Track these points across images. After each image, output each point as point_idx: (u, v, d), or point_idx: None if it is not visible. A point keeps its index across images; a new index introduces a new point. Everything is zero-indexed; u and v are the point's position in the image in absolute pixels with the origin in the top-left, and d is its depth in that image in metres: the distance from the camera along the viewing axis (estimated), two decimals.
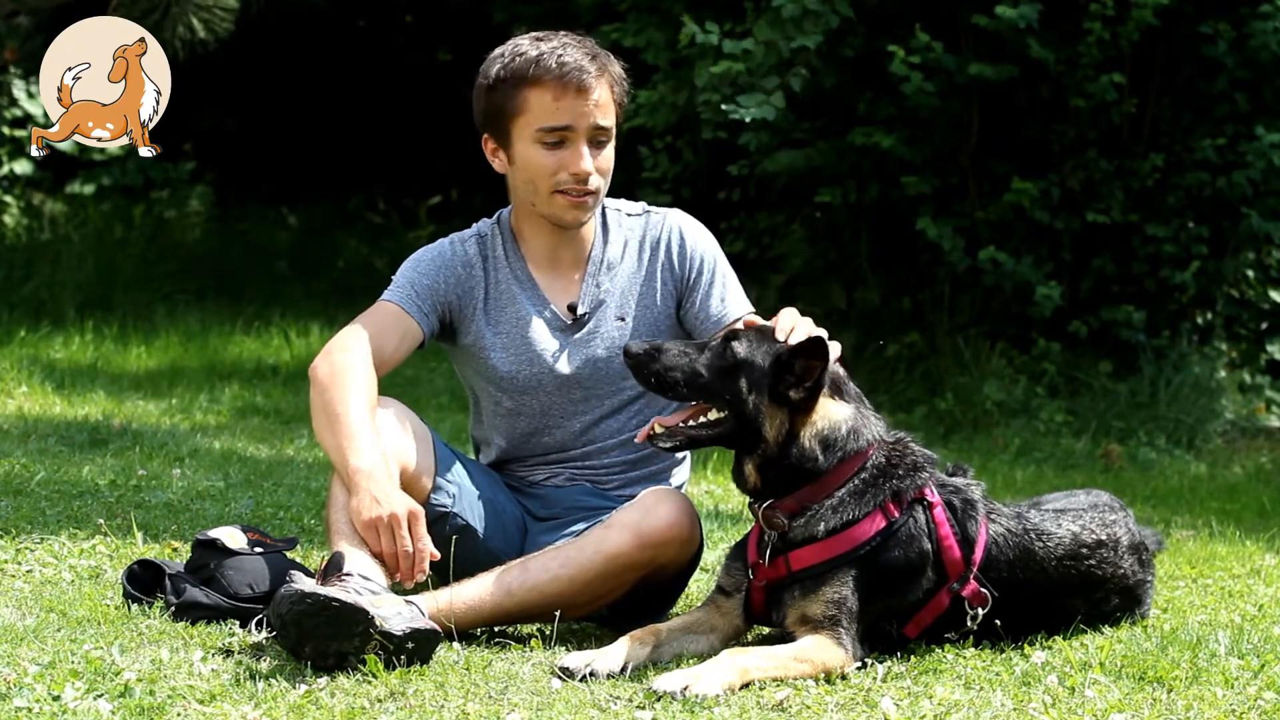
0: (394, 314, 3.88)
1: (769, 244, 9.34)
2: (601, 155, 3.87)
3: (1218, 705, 3.20)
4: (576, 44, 3.87)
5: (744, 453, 3.58)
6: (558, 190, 3.86)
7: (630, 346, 3.61)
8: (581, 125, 3.83)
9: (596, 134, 3.85)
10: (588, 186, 3.86)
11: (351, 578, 3.38)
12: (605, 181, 3.91)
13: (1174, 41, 8.43)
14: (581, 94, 3.81)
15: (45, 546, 4.30)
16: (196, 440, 6.45)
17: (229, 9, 8.60)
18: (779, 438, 3.54)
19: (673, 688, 3.16)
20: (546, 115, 3.82)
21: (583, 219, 3.93)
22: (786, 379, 3.53)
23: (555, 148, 3.84)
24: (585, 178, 3.84)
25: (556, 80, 3.80)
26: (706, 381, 3.54)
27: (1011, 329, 8.60)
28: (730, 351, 3.55)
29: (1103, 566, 3.82)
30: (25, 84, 11.19)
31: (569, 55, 3.82)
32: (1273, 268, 8.93)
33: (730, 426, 3.55)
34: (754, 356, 3.54)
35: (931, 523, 3.59)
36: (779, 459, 3.54)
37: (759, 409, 3.52)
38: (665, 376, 3.56)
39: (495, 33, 7.40)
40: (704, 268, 4.01)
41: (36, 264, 10.32)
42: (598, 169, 3.86)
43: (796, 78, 7.97)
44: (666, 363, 3.56)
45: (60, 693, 2.98)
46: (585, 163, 3.83)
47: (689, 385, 3.55)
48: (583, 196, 3.87)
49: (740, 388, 3.52)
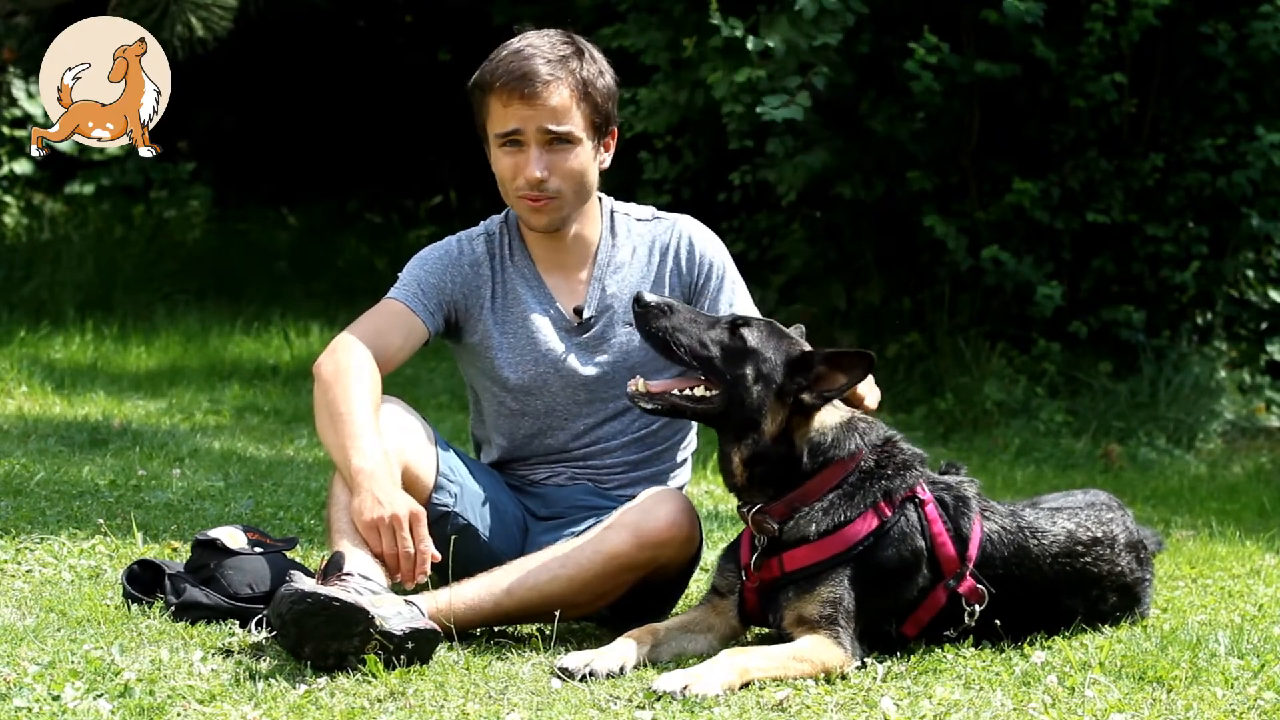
0: (399, 312, 3.88)
1: (769, 244, 9.34)
2: (563, 159, 3.84)
3: (1218, 705, 3.20)
4: (546, 47, 3.85)
5: (731, 438, 3.58)
6: (519, 194, 3.87)
7: (644, 295, 3.60)
8: (529, 128, 3.82)
9: (548, 137, 3.83)
10: (543, 191, 3.85)
11: (352, 577, 3.38)
12: (573, 184, 3.87)
13: (1174, 41, 8.43)
14: (527, 100, 3.81)
15: (45, 546, 4.30)
16: (196, 440, 6.45)
17: (228, 8, 8.60)
18: (775, 434, 3.55)
19: (672, 688, 3.16)
20: (499, 121, 3.86)
21: (548, 223, 3.91)
22: (798, 380, 3.54)
23: (513, 152, 3.85)
24: (536, 183, 3.83)
25: (504, 87, 3.82)
26: (710, 356, 3.55)
27: (1011, 329, 8.60)
28: (739, 336, 3.56)
29: (1099, 564, 3.82)
30: (25, 84, 11.19)
31: (521, 62, 3.82)
32: (1273, 268, 8.93)
33: (717, 407, 3.56)
34: (766, 349, 3.55)
35: (924, 520, 3.59)
36: (768, 455, 3.55)
37: (763, 401, 3.53)
38: (672, 336, 3.55)
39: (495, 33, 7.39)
40: (713, 273, 4.01)
41: (36, 264, 10.32)
42: (560, 173, 3.84)
43: (820, 76, 7.97)
44: (676, 323, 3.57)
45: (60, 693, 2.98)
46: (533, 168, 3.82)
47: (691, 353, 3.55)
48: (540, 201, 3.86)
49: (746, 375, 3.53)
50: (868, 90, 8.52)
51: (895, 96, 8.38)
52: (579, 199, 3.92)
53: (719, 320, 3.63)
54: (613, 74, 3.98)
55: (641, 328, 3.62)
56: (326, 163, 14.64)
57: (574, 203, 3.92)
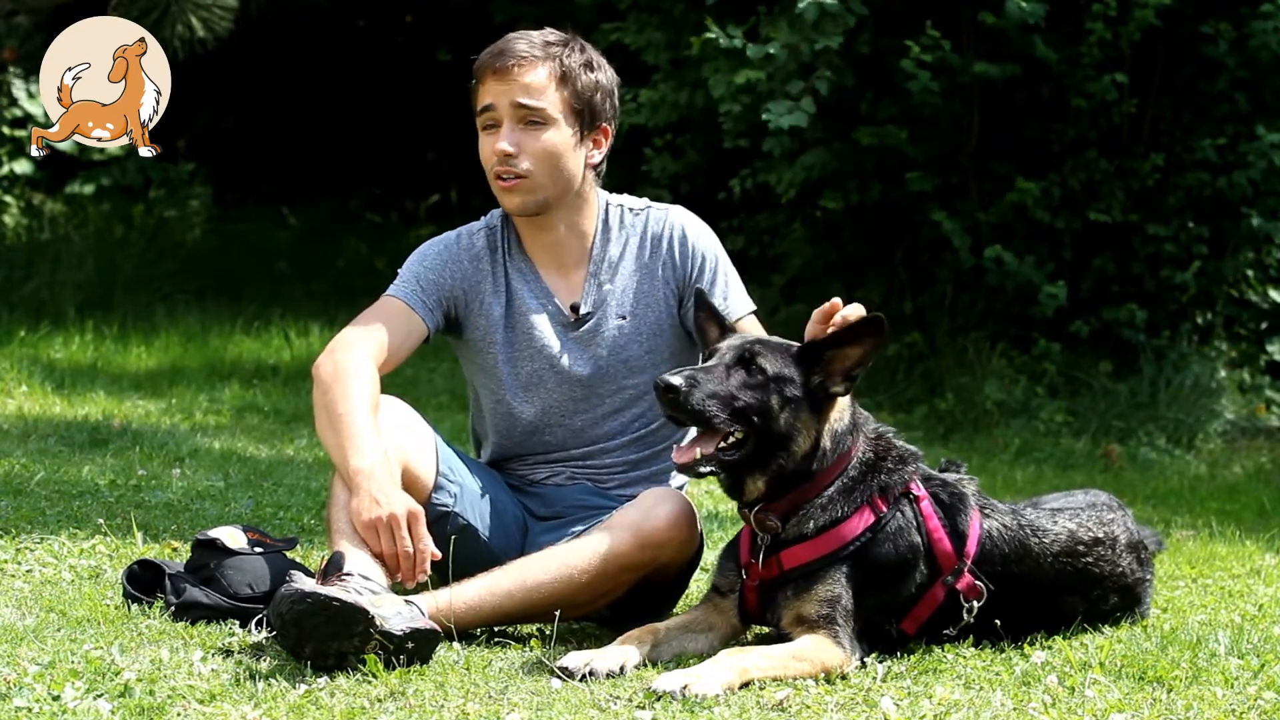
0: (398, 310, 3.88)
1: (770, 243, 9.34)
2: (533, 138, 3.84)
3: (1218, 705, 3.20)
4: (535, 34, 3.89)
5: (756, 470, 3.52)
6: (494, 175, 3.88)
7: (668, 379, 3.42)
8: (502, 104, 3.84)
9: (521, 113, 3.83)
10: (512, 168, 3.84)
11: (351, 577, 3.38)
12: (544, 166, 3.85)
13: (1174, 41, 8.43)
14: (501, 75, 3.83)
15: (45, 546, 4.30)
16: (196, 440, 6.45)
17: (228, 8, 8.60)
18: (806, 450, 3.52)
19: (672, 687, 3.16)
20: (478, 99, 3.89)
21: (520, 205, 3.88)
22: (815, 376, 3.51)
23: (491, 133, 3.87)
24: (503, 156, 3.83)
25: (484, 65, 3.87)
26: (744, 407, 3.46)
27: (1012, 329, 8.60)
28: (758, 368, 3.48)
29: (1100, 564, 3.82)
30: (25, 84, 11.19)
31: (504, 44, 3.87)
32: (1273, 268, 8.93)
33: (751, 447, 3.49)
34: (784, 370, 3.49)
35: (919, 516, 3.58)
36: (795, 471, 3.51)
37: (792, 426, 3.49)
38: (704, 407, 3.42)
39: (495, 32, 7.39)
40: (705, 265, 4.00)
41: (36, 264, 10.32)
42: (531, 152, 3.83)
43: (823, 80, 7.94)
44: (708, 390, 3.43)
45: (60, 693, 2.97)
46: (503, 141, 3.82)
47: (727, 411, 3.44)
48: (511, 180, 3.85)
49: (771, 406, 3.47)
50: (867, 91, 8.52)
51: (894, 97, 8.37)
52: (554, 184, 3.88)
53: (727, 362, 3.50)
54: (611, 73, 3.97)
55: (678, 410, 3.45)
56: (326, 162, 14.65)
57: (548, 188, 3.88)
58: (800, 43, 7.86)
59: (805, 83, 7.92)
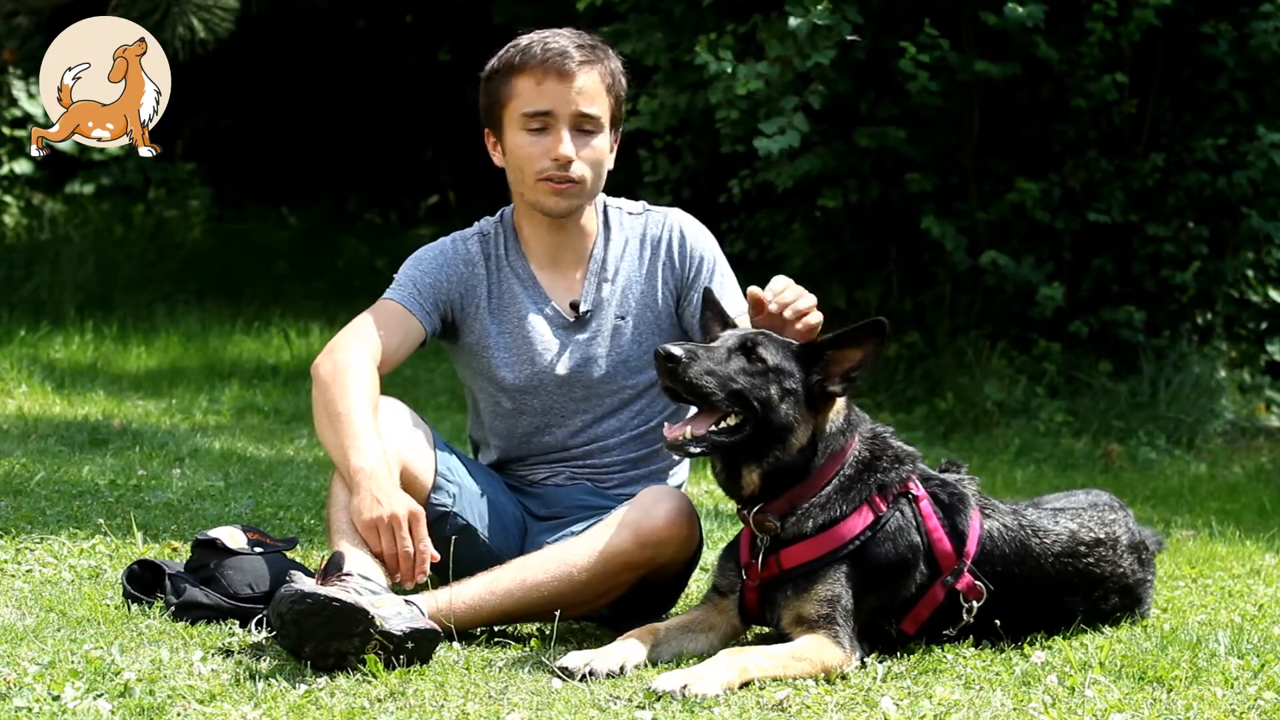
0: (396, 313, 3.88)
1: (769, 244, 9.34)
2: (589, 145, 3.86)
3: (1218, 705, 3.20)
4: (572, 35, 3.88)
5: (751, 460, 3.53)
6: (542, 178, 3.86)
7: (669, 348, 3.43)
8: (563, 111, 3.83)
9: (580, 121, 3.84)
10: (570, 174, 3.84)
11: (351, 577, 3.38)
12: (593, 173, 3.88)
13: (1174, 41, 8.43)
14: (563, 78, 3.81)
15: (45, 546, 4.30)
16: (196, 440, 6.45)
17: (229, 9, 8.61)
18: (802, 445, 3.52)
19: (672, 687, 3.16)
20: (529, 99, 3.84)
21: (567, 207, 3.90)
22: (815, 375, 3.51)
23: (539, 134, 3.85)
24: (566, 162, 3.83)
25: (539, 65, 3.82)
26: (741, 389, 3.46)
27: (1012, 329, 8.60)
28: (758, 357, 3.49)
29: (1101, 565, 3.82)
30: (25, 84, 11.19)
31: (556, 42, 3.84)
32: (1273, 268, 8.93)
33: (749, 432, 3.50)
34: (784, 363, 3.50)
35: (918, 516, 3.58)
36: (791, 466, 3.51)
37: (791, 418, 3.49)
38: (701, 381, 3.43)
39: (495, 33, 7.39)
40: (704, 266, 4.00)
41: (36, 264, 10.33)
42: (584, 158, 3.85)
43: (816, 95, 7.92)
44: (705, 366, 3.44)
45: (60, 693, 2.97)
46: (565, 147, 3.82)
47: (728, 393, 3.45)
48: (565, 184, 3.85)
49: (771, 396, 3.48)
50: (866, 91, 8.52)
51: (894, 97, 8.37)
52: (596, 189, 3.93)
53: (729, 346, 3.51)
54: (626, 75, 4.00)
55: (675, 380, 3.45)
56: (326, 163, 14.66)
57: (590, 193, 3.93)
58: (793, 56, 7.85)
59: (799, 97, 7.91)
